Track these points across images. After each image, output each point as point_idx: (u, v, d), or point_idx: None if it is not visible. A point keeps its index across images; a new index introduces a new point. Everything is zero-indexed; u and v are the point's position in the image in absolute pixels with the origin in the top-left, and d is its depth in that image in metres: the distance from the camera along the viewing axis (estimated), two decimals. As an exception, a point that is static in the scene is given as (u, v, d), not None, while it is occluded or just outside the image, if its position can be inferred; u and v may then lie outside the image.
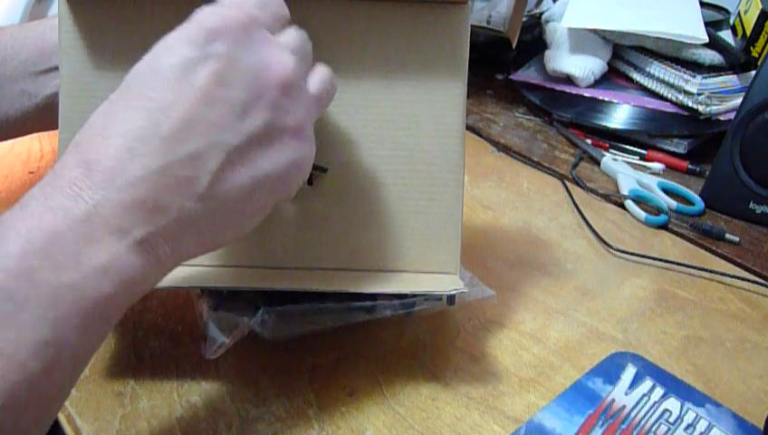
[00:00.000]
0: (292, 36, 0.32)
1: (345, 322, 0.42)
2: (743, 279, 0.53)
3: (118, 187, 0.26)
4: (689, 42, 0.74)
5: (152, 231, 0.27)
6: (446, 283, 0.40)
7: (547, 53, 0.85)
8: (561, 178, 0.69)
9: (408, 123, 0.39)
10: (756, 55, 0.77)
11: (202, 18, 0.28)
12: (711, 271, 0.54)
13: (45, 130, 0.44)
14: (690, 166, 0.71)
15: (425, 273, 0.41)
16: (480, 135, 0.78)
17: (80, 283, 0.25)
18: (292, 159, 0.31)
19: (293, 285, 0.39)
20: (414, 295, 0.42)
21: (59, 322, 0.24)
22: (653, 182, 0.67)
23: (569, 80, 0.81)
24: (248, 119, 0.29)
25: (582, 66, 0.79)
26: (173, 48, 0.28)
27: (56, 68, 0.41)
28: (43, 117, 0.42)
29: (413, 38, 0.39)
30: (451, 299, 0.43)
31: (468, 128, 0.78)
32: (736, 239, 0.59)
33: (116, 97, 0.28)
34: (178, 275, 0.39)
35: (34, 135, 0.58)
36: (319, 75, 0.33)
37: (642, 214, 0.62)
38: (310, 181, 0.40)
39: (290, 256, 0.41)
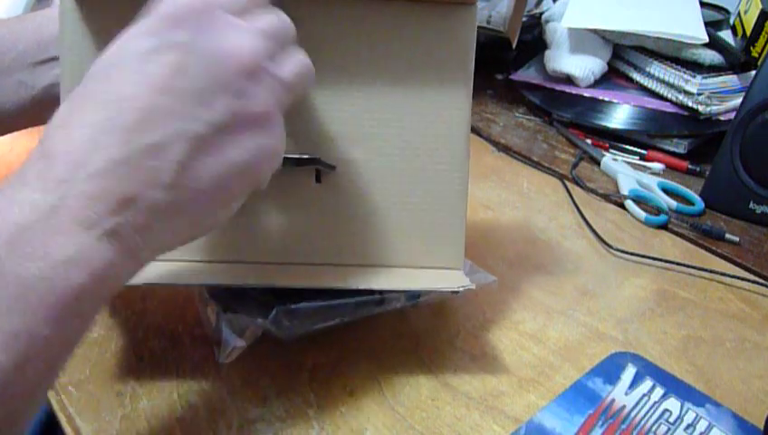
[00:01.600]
0: (265, 19, 0.31)
1: (357, 316, 0.42)
2: (743, 279, 0.53)
3: (82, 178, 0.26)
4: (689, 42, 0.74)
5: (121, 222, 0.26)
6: (451, 279, 0.40)
7: (547, 53, 0.85)
8: (561, 178, 0.69)
9: (414, 122, 0.40)
10: (756, 55, 0.77)
11: (159, 7, 0.29)
12: (711, 271, 0.54)
13: (42, 123, 0.44)
14: (690, 166, 0.71)
15: (429, 268, 0.42)
16: (480, 135, 0.78)
17: (48, 274, 0.24)
18: (259, 146, 0.30)
19: (303, 283, 0.39)
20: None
21: (28, 313, 0.24)
22: (653, 182, 0.67)
23: (569, 80, 0.81)
24: (210, 106, 0.28)
25: (582, 66, 0.79)
26: (132, 39, 0.28)
27: (53, 59, 0.41)
28: (39, 109, 0.42)
29: (420, 38, 0.39)
30: None
31: (468, 128, 0.79)
32: (736, 239, 0.59)
33: (79, 90, 0.28)
34: (189, 270, 0.39)
35: (34, 135, 0.58)
36: (293, 60, 0.32)
37: (642, 214, 0.62)
38: (318, 179, 0.40)
39: (298, 251, 0.41)
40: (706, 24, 0.75)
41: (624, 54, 0.82)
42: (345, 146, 0.40)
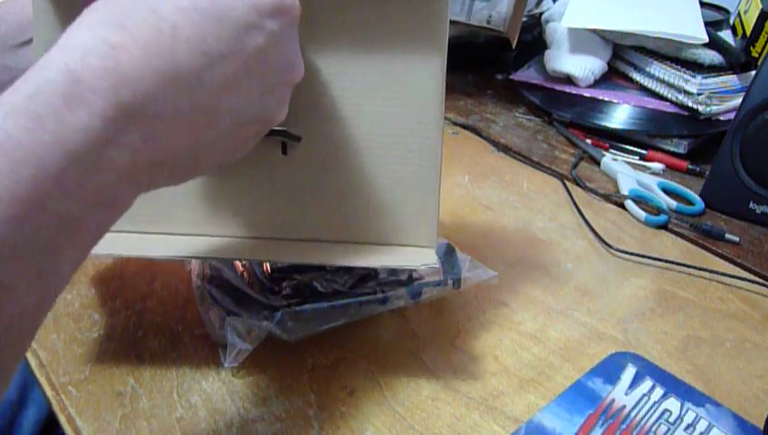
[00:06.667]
0: None
1: (361, 316, 0.42)
2: (743, 279, 0.53)
3: (145, 116, 0.25)
4: (689, 42, 0.74)
5: (147, 167, 0.26)
6: (420, 257, 0.39)
7: (547, 52, 0.85)
8: (561, 178, 0.69)
9: (386, 95, 0.39)
10: (756, 55, 0.77)
11: None
12: (711, 271, 0.54)
13: None
14: (690, 166, 0.71)
15: (401, 246, 0.41)
16: (480, 135, 0.78)
17: (83, 215, 0.24)
18: (258, 138, 0.33)
19: (263, 257, 0.39)
20: (413, 280, 0.42)
21: (60, 255, 0.24)
22: (653, 182, 0.67)
23: (569, 80, 0.81)
24: (264, 101, 0.30)
25: (582, 66, 0.79)
26: (238, 4, 0.28)
27: None
28: None
29: (393, 9, 0.38)
30: (457, 283, 0.42)
31: (468, 128, 0.79)
32: (736, 239, 0.59)
33: (170, 16, 0.26)
34: (149, 242, 0.39)
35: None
36: None
37: (642, 214, 0.62)
38: (284, 150, 0.39)
39: (261, 225, 0.40)
40: (706, 24, 0.75)
41: (624, 54, 0.82)
42: (313, 118, 0.39)
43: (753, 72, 0.65)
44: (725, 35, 0.81)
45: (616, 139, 0.76)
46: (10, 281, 0.22)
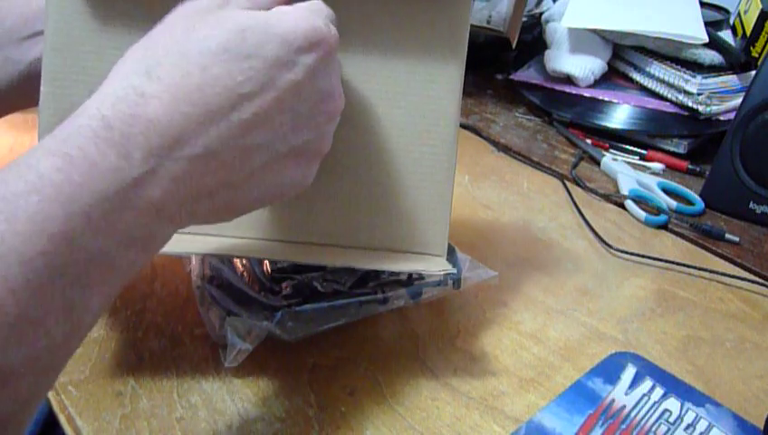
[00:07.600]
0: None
1: (361, 316, 0.42)
2: (743, 279, 0.53)
3: (176, 157, 0.26)
4: (689, 42, 0.74)
5: (188, 210, 0.28)
6: (433, 264, 0.40)
7: (547, 52, 0.85)
8: (561, 178, 0.69)
9: (403, 102, 0.39)
10: (756, 55, 0.77)
11: (300, 25, 0.29)
12: (711, 271, 0.54)
13: (31, 105, 0.44)
14: (690, 166, 0.71)
15: (412, 253, 0.41)
16: (480, 135, 0.78)
17: (113, 251, 0.25)
18: (311, 172, 0.33)
19: (279, 257, 0.40)
20: (413, 280, 0.42)
21: (89, 291, 0.24)
22: (653, 182, 0.67)
23: (569, 80, 0.81)
24: (299, 134, 0.30)
25: (582, 66, 0.79)
26: (268, 41, 0.28)
27: (39, 33, 0.41)
28: (27, 86, 0.42)
29: (413, 17, 0.38)
30: (457, 283, 0.42)
31: (468, 128, 0.79)
32: (736, 239, 0.59)
33: (201, 60, 0.27)
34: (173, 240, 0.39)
35: (34, 135, 0.58)
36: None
37: (642, 214, 0.62)
38: None
39: (277, 228, 0.40)
40: (706, 24, 0.75)
41: (624, 54, 0.82)
42: None
43: (753, 72, 0.65)
44: (725, 35, 0.81)
45: (616, 139, 0.76)
46: (39, 314, 0.23)
